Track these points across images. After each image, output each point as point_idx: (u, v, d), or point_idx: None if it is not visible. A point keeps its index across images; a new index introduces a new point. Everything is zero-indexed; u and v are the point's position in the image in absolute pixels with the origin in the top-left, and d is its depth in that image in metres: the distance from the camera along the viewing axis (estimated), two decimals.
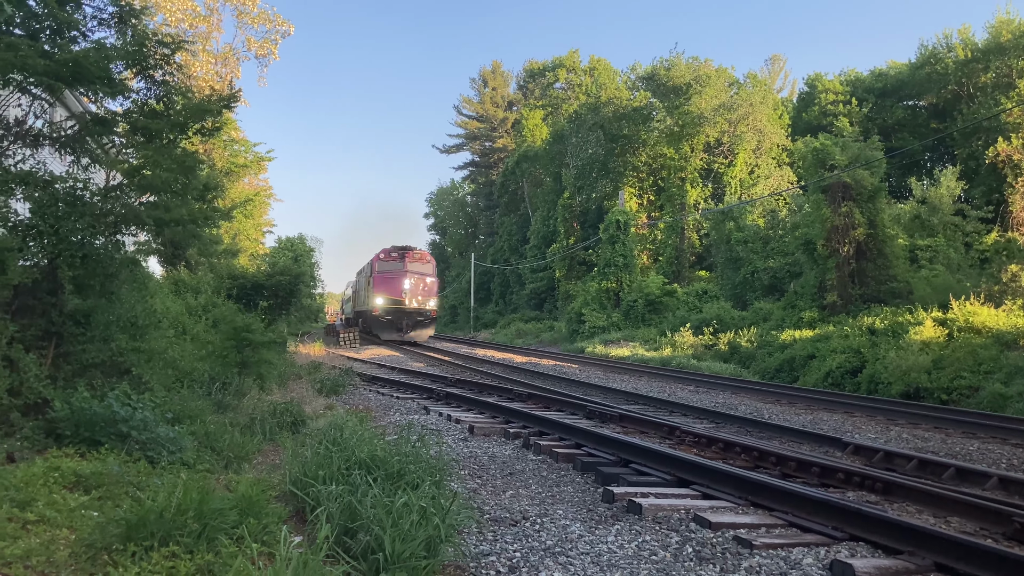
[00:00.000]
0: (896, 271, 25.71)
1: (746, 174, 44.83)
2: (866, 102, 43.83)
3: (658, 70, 46.42)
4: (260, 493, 5.09)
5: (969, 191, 35.61)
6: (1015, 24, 35.99)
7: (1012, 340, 17.62)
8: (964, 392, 16.32)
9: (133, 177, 8.53)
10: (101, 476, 5.49)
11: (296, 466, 6.13)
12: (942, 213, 31.97)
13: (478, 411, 12.43)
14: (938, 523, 6.15)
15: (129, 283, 8.99)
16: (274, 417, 9.41)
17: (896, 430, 12.12)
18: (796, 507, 6.05)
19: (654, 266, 45.54)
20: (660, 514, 6.07)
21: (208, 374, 10.85)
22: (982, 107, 35.59)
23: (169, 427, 6.85)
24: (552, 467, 8.23)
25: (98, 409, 6.50)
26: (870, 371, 18.82)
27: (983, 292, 20.81)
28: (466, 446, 9.39)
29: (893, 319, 21.32)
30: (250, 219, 39.08)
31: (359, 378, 17.25)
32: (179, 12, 33.87)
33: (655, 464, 7.64)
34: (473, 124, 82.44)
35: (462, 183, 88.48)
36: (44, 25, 8.06)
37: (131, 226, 8.48)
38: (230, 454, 7.33)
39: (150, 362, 8.81)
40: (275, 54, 36.93)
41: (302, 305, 23.04)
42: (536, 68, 70.07)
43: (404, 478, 5.89)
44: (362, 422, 8.70)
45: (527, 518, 6.02)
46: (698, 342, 28.38)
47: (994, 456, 9.97)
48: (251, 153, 39.70)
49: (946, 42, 40.18)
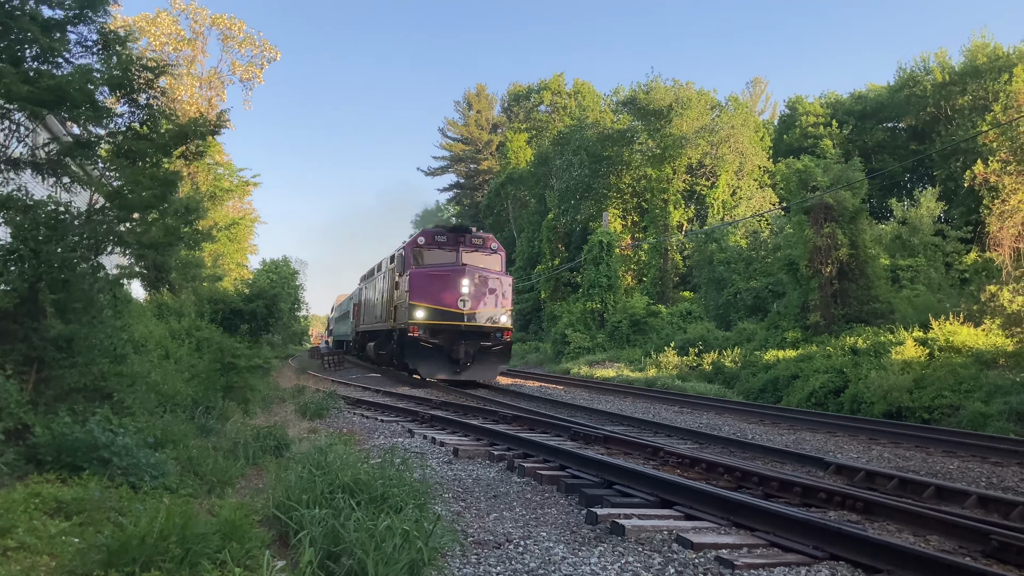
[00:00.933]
0: (878, 291, 25.93)
1: (728, 195, 45.21)
2: (846, 124, 44.42)
3: (637, 94, 46.90)
4: (243, 517, 5.08)
5: (948, 212, 36.05)
6: (990, 48, 36.70)
7: (991, 359, 17.82)
8: (945, 411, 16.46)
9: (115, 200, 8.53)
10: (82, 502, 5.46)
11: (279, 490, 6.12)
12: (922, 234, 32.31)
13: (463, 433, 12.42)
14: (918, 542, 6.21)
15: (111, 307, 8.96)
16: (257, 441, 9.37)
17: (878, 449, 12.21)
18: (778, 527, 6.09)
19: (638, 287, 45.74)
20: (643, 535, 6.09)
21: (192, 398, 10.79)
22: (960, 129, 36.13)
23: (152, 452, 6.82)
24: (536, 489, 8.24)
25: (79, 435, 6.47)
26: (853, 391, 18.94)
27: (963, 312, 21.03)
28: (450, 469, 9.38)
29: (875, 339, 21.49)
30: (234, 243, 38.98)
31: (343, 401, 17.20)
32: (164, 36, 33.98)
33: (639, 485, 7.67)
34: (458, 146, 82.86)
35: (447, 205, 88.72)
36: (27, 51, 8.08)
37: (113, 248, 8.48)
38: (213, 478, 7.30)
39: (133, 386, 8.77)
40: (260, 78, 37.11)
41: (286, 326, 22.94)
42: (521, 91, 70.61)
43: (388, 501, 5.89)
44: (346, 445, 8.69)
45: (511, 540, 6.03)
46: (683, 363, 28.47)
47: (974, 474, 10.06)
48: (236, 177, 39.70)
49: (924, 65, 40.90)
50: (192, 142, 9.15)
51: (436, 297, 22.34)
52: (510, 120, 73.13)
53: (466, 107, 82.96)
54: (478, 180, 80.00)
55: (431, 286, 22.51)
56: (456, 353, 22.28)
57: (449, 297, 22.33)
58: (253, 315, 17.42)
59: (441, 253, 23.78)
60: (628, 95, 48.44)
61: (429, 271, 22.98)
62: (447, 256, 23.69)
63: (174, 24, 35.10)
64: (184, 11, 35.88)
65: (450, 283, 22.47)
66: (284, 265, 39.52)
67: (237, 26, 36.48)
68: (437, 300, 22.30)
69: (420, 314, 22.21)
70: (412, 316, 22.25)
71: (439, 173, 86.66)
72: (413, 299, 22.35)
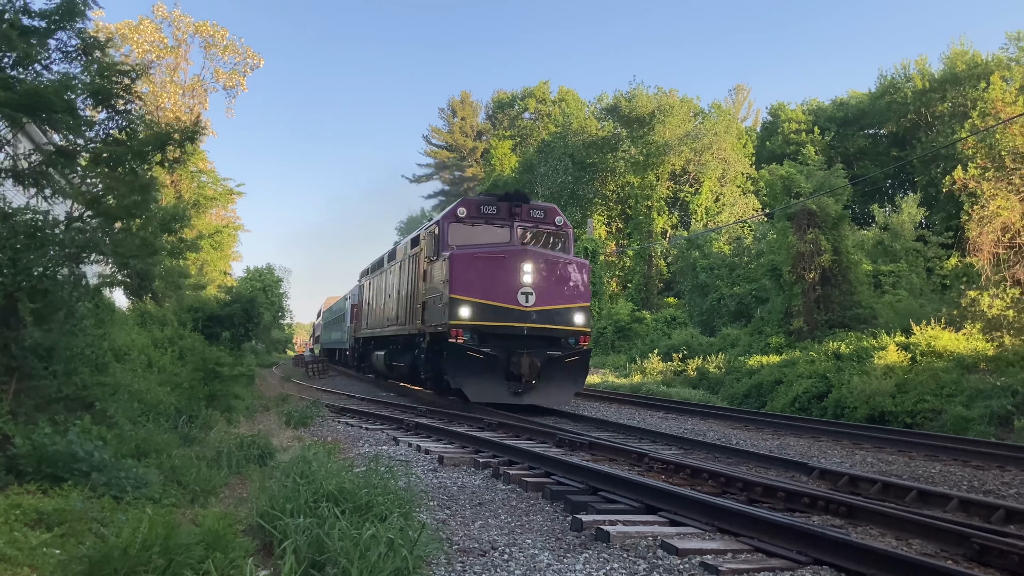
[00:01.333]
0: (860, 296, 26.15)
1: (711, 202, 45.46)
2: (828, 131, 44.77)
3: (620, 101, 47.12)
4: (227, 527, 5.05)
5: (930, 217, 36.41)
6: (969, 56, 37.13)
7: (972, 364, 17.98)
8: (927, 415, 16.59)
9: (94, 207, 8.47)
10: (64, 513, 5.41)
11: (263, 499, 6.09)
12: (904, 239, 32.62)
13: (448, 441, 12.39)
14: (900, 545, 6.24)
15: (93, 315, 8.90)
16: (241, 450, 9.32)
17: (861, 454, 12.28)
18: (762, 532, 6.11)
19: (623, 293, 45.86)
20: (628, 541, 6.10)
21: (175, 407, 10.73)
22: (940, 136, 36.51)
23: (134, 462, 6.77)
24: (521, 496, 8.23)
25: (60, 446, 6.41)
26: (836, 396, 19.06)
27: (944, 317, 21.23)
28: (435, 476, 9.36)
29: (858, 344, 21.65)
30: (218, 250, 38.81)
31: (328, 409, 17.13)
32: (147, 44, 33.85)
33: (624, 491, 7.68)
34: (443, 153, 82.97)
35: (432, 212, 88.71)
36: (5, 58, 8.02)
37: (93, 256, 8.41)
38: (196, 488, 7.25)
39: (114, 395, 8.72)
40: (243, 85, 37.11)
41: (267, 330, 22.79)
42: (505, 98, 70.73)
43: (372, 510, 5.87)
44: (330, 454, 8.65)
45: (496, 548, 6.02)
46: (667, 368, 28.56)
47: (955, 478, 10.13)
48: (220, 186, 39.56)
49: (904, 72, 41.33)
50: (170, 148, 9.10)
51: (487, 290, 16.80)
52: (495, 127, 73.24)
53: (451, 114, 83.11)
54: (463, 187, 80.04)
55: (480, 274, 16.94)
56: (517, 367, 16.57)
57: (505, 289, 16.78)
58: (231, 321, 17.29)
59: (490, 230, 18.11)
60: (611, 102, 48.67)
61: (476, 253, 17.31)
62: (498, 233, 18.07)
63: (157, 32, 35.02)
64: (167, 18, 35.82)
65: (506, 270, 16.90)
66: (268, 273, 39.33)
67: (220, 33, 36.45)
68: (488, 293, 16.76)
69: (465, 312, 16.64)
70: (454, 314, 16.63)
71: (424, 180, 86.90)
72: (455, 291, 16.73)
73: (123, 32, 33.15)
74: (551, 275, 17.27)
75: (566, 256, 18.29)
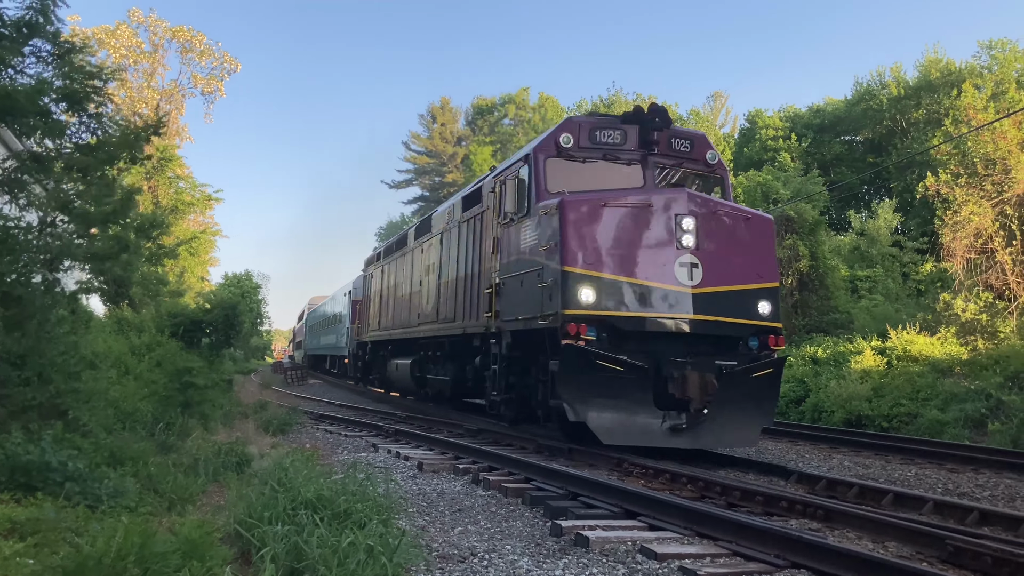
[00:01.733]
0: (837, 301, 26.38)
1: None
2: (805, 137, 45.13)
3: (599, 108, 47.34)
4: (204, 535, 5.00)
5: (905, 223, 36.77)
6: (943, 63, 37.58)
7: (947, 367, 18.17)
8: (903, 419, 16.74)
9: (67, 211, 8.37)
10: (37, 522, 5.34)
11: (241, 507, 6.04)
12: (880, 244, 32.93)
13: (427, 447, 12.36)
14: (876, 548, 6.30)
15: (67, 322, 8.80)
16: (219, 457, 9.24)
17: (839, 458, 12.37)
18: (740, 536, 6.15)
19: None
20: (607, 546, 6.11)
21: (151, 414, 10.62)
22: (915, 142, 36.92)
23: (109, 470, 6.70)
24: (501, 502, 8.23)
25: (33, 456, 6.33)
26: (813, 400, 19.20)
27: (919, 321, 21.45)
28: (415, 483, 9.34)
29: (835, 349, 21.81)
30: (196, 256, 38.53)
31: (307, 416, 17.03)
32: (123, 48, 33.62)
33: (603, 496, 7.70)
34: (422, 159, 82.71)
35: (412, 218, 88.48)
36: None
37: (67, 262, 8.32)
38: (173, 496, 7.18)
39: (89, 403, 8.61)
40: (222, 91, 36.92)
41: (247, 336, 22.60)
42: (485, 104, 70.77)
43: (351, 517, 5.84)
44: (309, 461, 8.60)
45: (475, 554, 6.02)
46: None
47: (931, 481, 10.24)
48: (197, 192, 39.31)
49: (880, 80, 41.73)
50: (137, 148, 8.99)
51: (624, 260, 10.53)
52: (474, 133, 73.26)
53: (430, 120, 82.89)
54: (443, 193, 79.88)
55: (610, 235, 10.63)
56: (680, 386, 10.18)
57: (654, 260, 10.56)
58: (213, 327, 17.16)
59: (611, 170, 11.75)
60: (591, 109, 48.88)
61: (605, 199, 10.77)
62: (624, 174, 11.77)
63: (134, 36, 34.77)
64: (143, 23, 35.56)
65: (654, 228, 10.65)
66: (246, 279, 39.06)
67: (197, 38, 36.26)
68: (625, 266, 10.52)
69: (588, 295, 10.32)
70: (572, 299, 10.29)
71: (404, 186, 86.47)
72: (571, 262, 10.39)
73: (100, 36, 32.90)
74: (722, 237, 11.01)
75: (742, 208, 12.23)
